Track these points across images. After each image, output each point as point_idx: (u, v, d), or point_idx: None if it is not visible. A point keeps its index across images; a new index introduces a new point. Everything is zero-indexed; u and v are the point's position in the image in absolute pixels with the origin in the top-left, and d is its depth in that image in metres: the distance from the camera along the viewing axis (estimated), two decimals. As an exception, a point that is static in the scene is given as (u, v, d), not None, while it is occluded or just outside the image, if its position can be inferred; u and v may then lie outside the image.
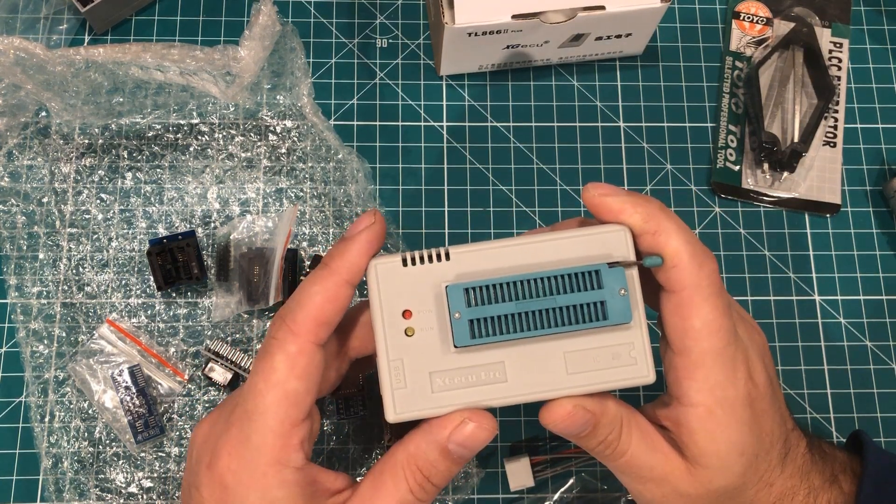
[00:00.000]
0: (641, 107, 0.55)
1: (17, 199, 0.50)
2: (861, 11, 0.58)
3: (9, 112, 0.49)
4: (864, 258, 0.53)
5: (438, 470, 0.33)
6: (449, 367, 0.33)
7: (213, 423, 0.35)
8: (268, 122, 0.52)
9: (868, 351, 0.51)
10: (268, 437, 0.32)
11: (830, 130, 0.55)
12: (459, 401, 0.33)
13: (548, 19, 0.48)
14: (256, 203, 0.51)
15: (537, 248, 0.33)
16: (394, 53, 0.55)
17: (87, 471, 0.47)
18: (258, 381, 0.33)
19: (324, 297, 0.33)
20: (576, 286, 0.32)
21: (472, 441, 0.32)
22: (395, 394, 0.32)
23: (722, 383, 0.33)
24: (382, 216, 0.34)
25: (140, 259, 0.50)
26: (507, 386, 0.33)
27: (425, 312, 0.33)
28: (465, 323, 0.32)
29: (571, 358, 0.33)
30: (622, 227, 0.33)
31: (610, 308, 0.32)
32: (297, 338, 0.32)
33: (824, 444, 0.39)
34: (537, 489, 0.47)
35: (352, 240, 0.33)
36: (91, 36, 0.54)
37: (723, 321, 0.32)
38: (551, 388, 0.33)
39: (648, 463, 0.34)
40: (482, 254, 0.33)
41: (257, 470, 0.32)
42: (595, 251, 0.33)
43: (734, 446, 0.33)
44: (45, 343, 0.48)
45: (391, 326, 0.33)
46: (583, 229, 0.33)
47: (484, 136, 0.54)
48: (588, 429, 0.33)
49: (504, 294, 0.32)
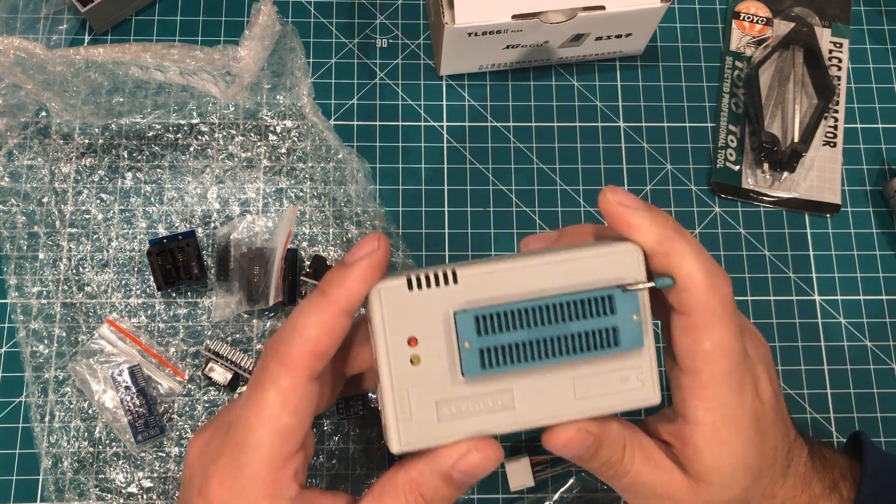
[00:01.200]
0: (641, 107, 0.55)
1: (17, 199, 0.50)
2: (861, 11, 0.58)
3: (9, 112, 0.50)
4: (865, 258, 0.53)
5: (440, 496, 0.32)
6: (456, 395, 0.31)
7: (207, 443, 0.34)
8: (268, 122, 0.52)
9: (868, 351, 0.51)
10: (261, 472, 0.31)
11: (830, 130, 0.55)
12: (466, 430, 0.32)
13: (548, 19, 0.48)
14: (256, 203, 0.51)
15: (548, 269, 0.32)
16: (394, 53, 0.55)
17: (87, 471, 0.47)
18: (250, 415, 0.32)
19: (320, 328, 0.31)
20: (588, 313, 0.31)
21: (477, 470, 0.32)
22: (400, 425, 0.31)
23: (729, 403, 0.32)
24: (387, 241, 0.32)
25: (140, 259, 0.50)
26: (515, 413, 0.32)
27: (432, 339, 0.31)
28: (476, 352, 0.31)
29: (580, 383, 0.32)
30: (635, 248, 0.32)
31: (622, 335, 0.31)
32: (291, 372, 0.31)
33: (826, 449, 0.39)
34: (537, 489, 0.47)
35: (352, 266, 0.31)
36: (91, 36, 0.54)
37: (734, 344, 0.32)
38: (559, 414, 0.32)
39: (651, 482, 0.34)
40: (491, 276, 0.31)
41: (249, 502, 0.31)
42: (607, 272, 0.32)
43: (739, 464, 0.33)
44: (45, 343, 0.48)
45: (396, 354, 0.31)
46: (594, 248, 0.32)
47: (484, 136, 0.54)
48: (591, 451, 0.33)
49: (516, 322, 0.31)
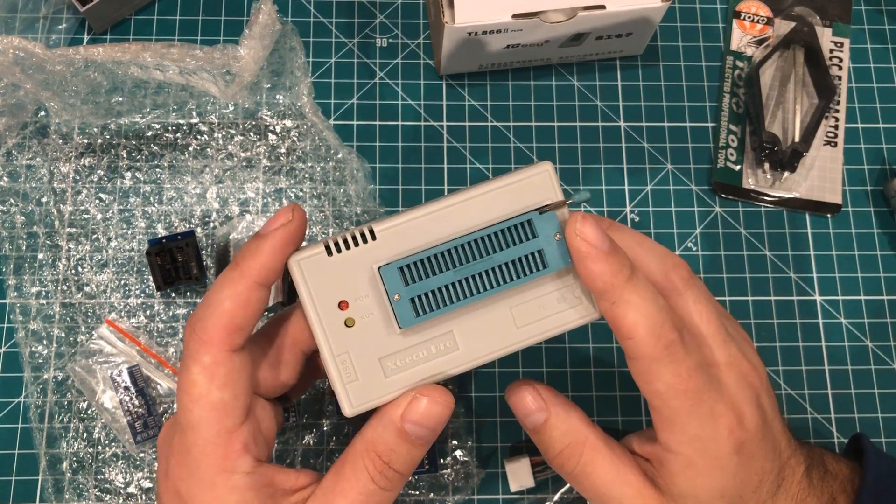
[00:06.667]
0: (642, 106, 0.55)
1: (16, 198, 0.50)
2: (862, 11, 0.58)
3: (8, 112, 0.49)
4: (865, 258, 0.53)
5: (398, 454, 0.32)
6: (398, 348, 0.32)
7: (170, 427, 0.34)
8: (267, 121, 0.52)
9: (869, 351, 0.51)
10: (206, 448, 0.31)
11: (831, 130, 0.55)
12: (414, 379, 0.32)
13: (548, 19, 0.48)
14: (256, 203, 0.51)
15: (463, 207, 0.32)
16: (394, 53, 0.55)
17: (86, 471, 0.46)
18: (182, 395, 0.32)
19: (234, 301, 0.31)
20: (511, 240, 0.32)
21: (428, 418, 0.32)
22: (347, 388, 0.32)
23: (700, 437, 0.32)
24: (303, 212, 0.32)
25: (139, 259, 0.50)
26: (460, 353, 0.32)
27: (362, 299, 0.31)
28: (407, 303, 0.31)
29: (518, 311, 0.33)
30: (545, 168, 0.32)
31: (548, 255, 0.32)
32: (210, 347, 0.31)
33: (828, 458, 0.39)
34: (538, 489, 0.47)
35: (265, 238, 0.31)
36: (90, 35, 0.54)
37: (688, 383, 0.32)
38: (503, 345, 0.33)
39: (618, 495, 0.34)
40: (408, 225, 0.32)
41: (205, 480, 0.32)
42: (523, 199, 0.32)
43: (714, 490, 0.33)
44: (45, 343, 0.48)
45: (329, 321, 0.31)
46: (506, 178, 0.32)
47: (484, 136, 0.54)
48: (539, 420, 0.34)
49: (440, 264, 0.31)
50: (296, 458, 0.47)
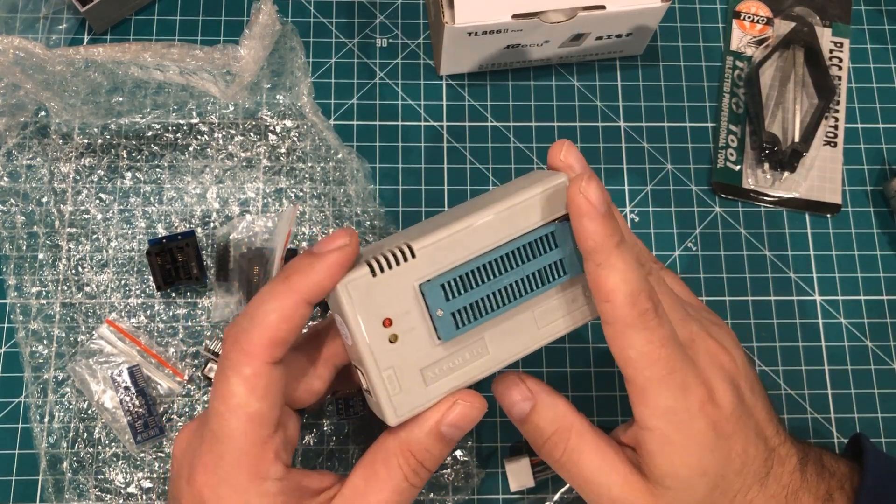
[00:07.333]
0: (642, 106, 0.55)
1: (17, 198, 0.50)
2: (862, 11, 0.58)
3: (8, 112, 0.49)
4: (865, 258, 0.53)
5: (432, 454, 0.34)
6: (437, 358, 0.33)
7: (191, 437, 0.35)
8: (267, 121, 0.52)
9: (869, 351, 0.51)
10: (241, 458, 0.32)
11: (831, 130, 0.55)
12: (451, 385, 0.34)
13: (548, 19, 0.48)
14: (256, 203, 0.51)
15: (493, 223, 0.33)
16: (394, 53, 0.55)
17: (86, 471, 0.46)
18: (218, 404, 0.32)
19: (279, 315, 0.31)
20: (537, 251, 0.34)
21: (464, 420, 0.33)
22: (392, 400, 0.33)
23: (674, 408, 0.33)
24: (357, 237, 0.33)
25: (139, 259, 0.50)
26: (490, 357, 0.34)
27: (404, 315, 0.32)
28: (449, 317, 0.33)
29: (540, 313, 0.35)
30: (561, 180, 0.34)
31: (567, 263, 0.34)
32: (252, 359, 0.31)
33: (826, 457, 0.39)
34: (538, 489, 0.47)
35: (320, 259, 0.31)
36: (90, 35, 0.54)
37: (661, 352, 0.33)
38: (527, 345, 0.35)
39: (606, 482, 0.34)
40: (445, 242, 0.33)
41: (237, 486, 0.32)
42: (542, 210, 0.34)
43: (694, 468, 0.33)
44: (45, 343, 0.48)
45: (375, 339, 0.32)
46: (527, 192, 0.34)
47: (484, 136, 0.54)
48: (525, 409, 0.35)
49: (477, 279, 0.33)
50: (296, 458, 0.47)
